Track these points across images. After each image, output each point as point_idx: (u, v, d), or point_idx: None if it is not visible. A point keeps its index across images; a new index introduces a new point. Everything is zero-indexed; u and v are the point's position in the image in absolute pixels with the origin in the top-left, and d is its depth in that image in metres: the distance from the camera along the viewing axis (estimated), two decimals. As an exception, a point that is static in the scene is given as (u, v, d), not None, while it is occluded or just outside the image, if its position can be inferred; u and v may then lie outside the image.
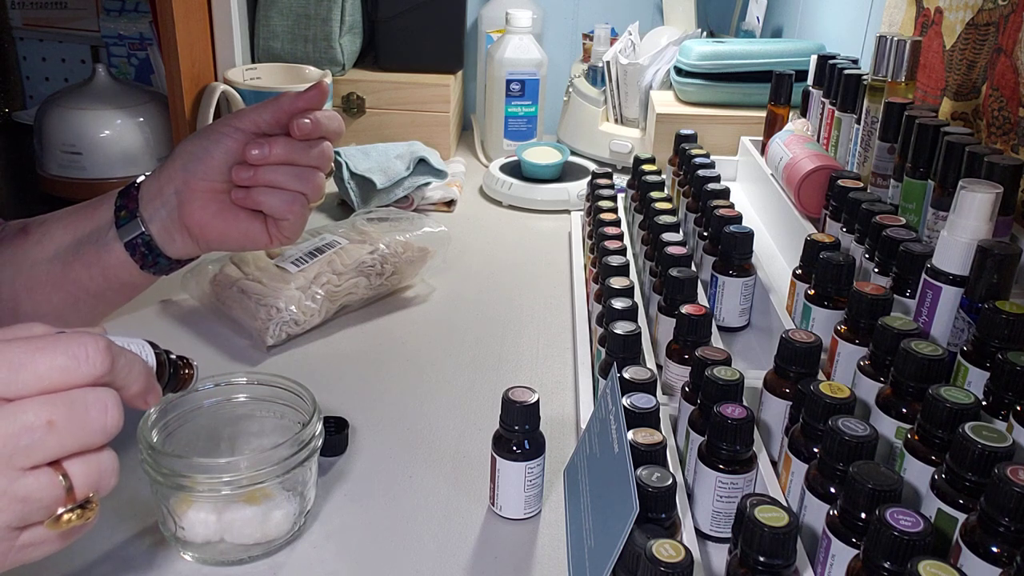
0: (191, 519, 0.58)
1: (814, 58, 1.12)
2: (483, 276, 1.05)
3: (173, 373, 0.52)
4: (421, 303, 0.98)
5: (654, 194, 0.98)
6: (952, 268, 0.64)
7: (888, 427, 0.58)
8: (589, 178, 1.13)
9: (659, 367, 0.76)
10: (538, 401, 0.63)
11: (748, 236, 0.85)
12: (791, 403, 0.64)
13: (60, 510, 0.40)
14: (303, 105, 0.64)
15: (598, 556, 0.51)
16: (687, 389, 0.66)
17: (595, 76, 1.45)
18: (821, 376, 0.68)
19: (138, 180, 0.66)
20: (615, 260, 0.82)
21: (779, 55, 1.26)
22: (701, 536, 0.61)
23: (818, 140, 1.08)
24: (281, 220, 0.66)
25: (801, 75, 1.18)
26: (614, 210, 0.97)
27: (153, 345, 0.50)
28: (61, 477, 0.40)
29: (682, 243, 0.85)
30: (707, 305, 0.80)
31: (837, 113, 1.02)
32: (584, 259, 1.02)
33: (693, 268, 0.83)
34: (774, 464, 0.64)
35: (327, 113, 0.66)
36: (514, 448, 0.62)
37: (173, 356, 0.52)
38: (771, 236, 1.07)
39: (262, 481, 0.58)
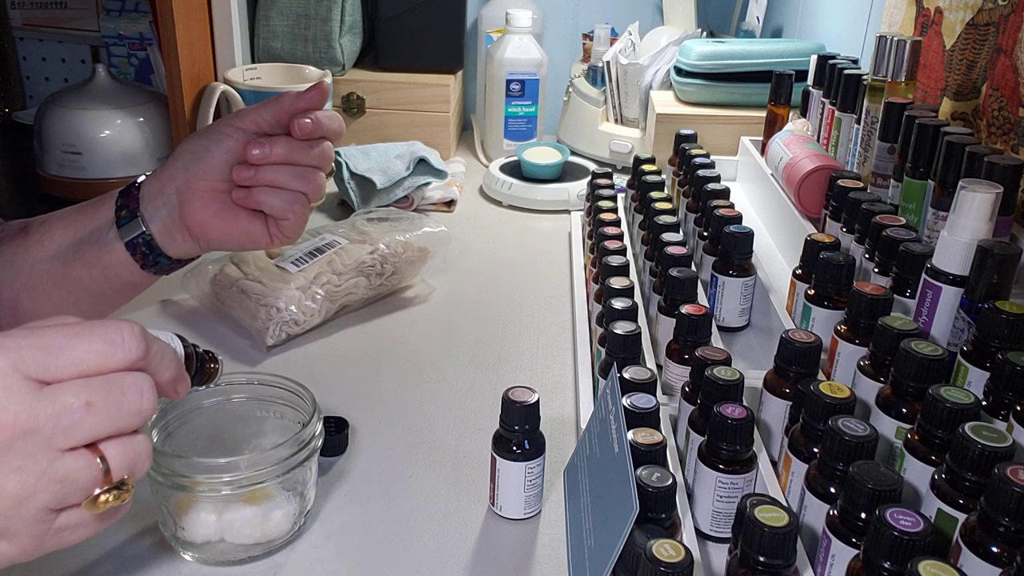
0: (191, 519, 0.58)
1: (814, 58, 1.12)
2: (483, 276, 1.05)
3: (200, 367, 0.52)
4: (421, 303, 0.98)
5: (654, 194, 0.98)
6: (952, 268, 0.64)
7: (888, 427, 0.58)
8: (589, 178, 1.13)
9: (659, 367, 0.76)
10: (538, 401, 0.63)
11: (748, 236, 0.85)
12: (791, 403, 0.64)
13: (97, 491, 0.40)
14: (304, 105, 0.65)
15: (598, 556, 0.51)
16: (687, 389, 0.66)
17: (595, 76, 1.45)
18: (821, 376, 0.68)
19: (139, 180, 0.66)
20: (615, 260, 0.82)
21: (779, 55, 1.26)
22: (701, 536, 0.61)
23: (818, 140, 1.08)
24: (282, 220, 0.66)
25: (801, 75, 1.18)
26: (614, 210, 0.97)
27: (181, 338, 0.50)
28: (99, 459, 0.40)
29: (682, 243, 0.85)
30: (707, 305, 0.80)
31: (837, 113, 1.02)
32: (584, 259, 1.02)
33: (693, 268, 0.83)
34: (774, 464, 0.64)
35: (328, 113, 0.66)
36: (514, 448, 0.62)
37: (200, 350, 0.52)
38: (771, 236, 1.07)
39: (262, 481, 0.58)
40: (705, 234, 0.92)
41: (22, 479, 0.38)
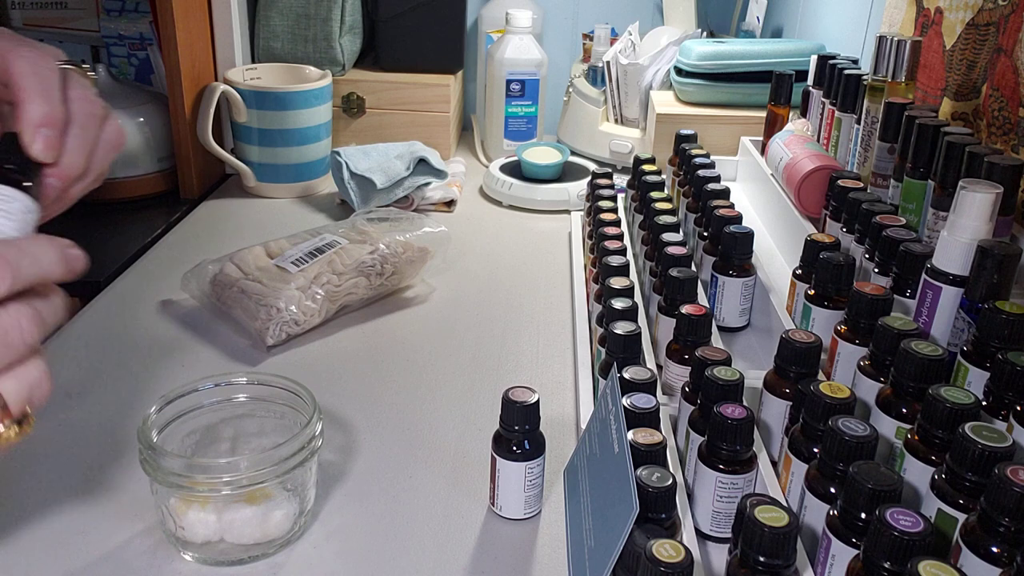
0: (191, 519, 0.58)
1: (814, 58, 1.12)
2: (483, 276, 1.05)
3: (31, 172, 0.46)
4: (421, 303, 0.98)
5: (654, 194, 0.98)
6: (952, 268, 0.64)
7: (888, 427, 0.58)
8: (589, 178, 1.13)
9: (659, 367, 0.76)
10: (538, 401, 0.63)
11: (748, 236, 0.85)
12: (791, 403, 0.64)
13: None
14: None
15: (598, 556, 0.51)
16: (687, 389, 0.66)
17: (595, 76, 1.45)
18: (821, 376, 0.68)
19: None
20: (615, 260, 0.82)
21: (779, 55, 1.26)
22: (701, 536, 0.61)
23: (818, 140, 1.08)
24: None
25: (801, 75, 1.18)
26: (614, 210, 0.97)
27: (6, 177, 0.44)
28: None
29: (682, 243, 0.85)
30: (707, 305, 0.80)
31: (837, 113, 1.02)
32: (584, 259, 1.02)
33: (693, 268, 0.83)
34: (774, 464, 0.64)
35: None
36: (514, 448, 0.62)
37: (10, 164, 0.46)
38: (771, 236, 1.07)
39: (262, 481, 0.58)
40: (705, 234, 0.92)
41: None
